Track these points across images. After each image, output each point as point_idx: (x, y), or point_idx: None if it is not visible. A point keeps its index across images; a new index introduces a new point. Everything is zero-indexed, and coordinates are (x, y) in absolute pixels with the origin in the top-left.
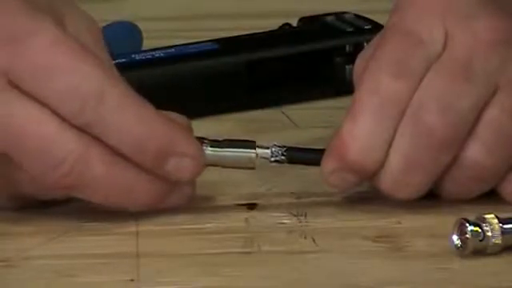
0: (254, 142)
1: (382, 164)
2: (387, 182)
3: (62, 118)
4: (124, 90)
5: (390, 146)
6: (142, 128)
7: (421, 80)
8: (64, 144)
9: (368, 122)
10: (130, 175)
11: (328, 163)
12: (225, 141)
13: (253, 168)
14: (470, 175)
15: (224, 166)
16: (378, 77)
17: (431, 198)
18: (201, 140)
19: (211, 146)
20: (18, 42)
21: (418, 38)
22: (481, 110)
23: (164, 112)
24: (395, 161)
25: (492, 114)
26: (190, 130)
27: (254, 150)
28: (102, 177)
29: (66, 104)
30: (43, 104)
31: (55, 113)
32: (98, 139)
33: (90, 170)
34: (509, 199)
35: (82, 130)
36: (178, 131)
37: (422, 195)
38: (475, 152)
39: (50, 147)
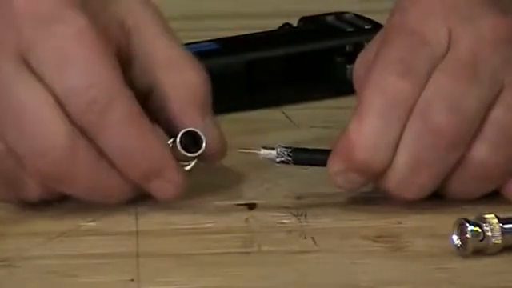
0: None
1: (388, 164)
2: (394, 181)
3: (64, 112)
4: (131, 102)
5: (396, 145)
6: (140, 146)
7: (427, 80)
8: (57, 134)
9: (375, 122)
10: (113, 179)
11: (334, 164)
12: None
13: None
14: (476, 175)
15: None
16: (383, 77)
17: (431, 198)
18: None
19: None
20: (43, 25)
21: (423, 37)
22: (487, 109)
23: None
24: (402, 160)
25: (498, 113)
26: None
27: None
28: (84, 175)
29: (72, 100)
30: (50, 91)
31: (59, 103)
32: (90, 139)
33: (75, 165)
34: None
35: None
36: (170, 156)
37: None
38: (482, 151)
39: (43, 133)
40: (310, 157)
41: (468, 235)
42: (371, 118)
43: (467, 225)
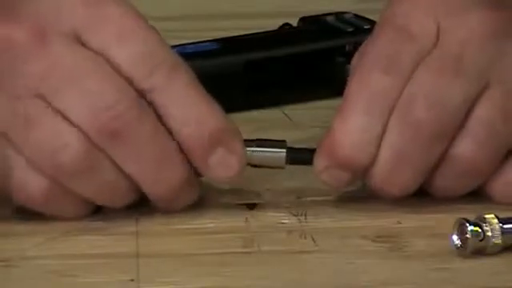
0: (285, 141)
1: (373, 160)
2: (378, 177)
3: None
4: (190, 70)
5: (380, 141)
6: (206, 107)
7: (410, 75)
8: (122, 91)
9: (358, 118)
10: (172, 147)
11: (319, 161)
12: (256, 140)
13: (282, 167)
14: (459, 171)
15: (254, 166)
16: (367, 73)
17: (431, 197)
18: None
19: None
20: (94, 6)
21: (409, 33)
22: (471, 105)
23: None
24: (386, 155)
25: (483, 110)
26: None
27: (284, 150)
28: (148, 135)
29: (137, 66)
30: (111, 63)
31: (121, 73)
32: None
33: (140, 124)
34: (497, 200)
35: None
36: (234, 125)
37: (422, 195)
38: (465, 147)
39: (106, 89)
40: (295, 156)
41: (468, 235)
42: (354, 115)
43: (467, 225)
